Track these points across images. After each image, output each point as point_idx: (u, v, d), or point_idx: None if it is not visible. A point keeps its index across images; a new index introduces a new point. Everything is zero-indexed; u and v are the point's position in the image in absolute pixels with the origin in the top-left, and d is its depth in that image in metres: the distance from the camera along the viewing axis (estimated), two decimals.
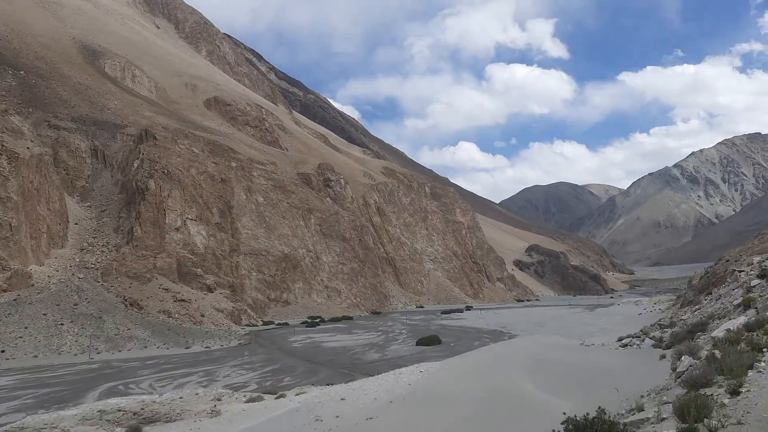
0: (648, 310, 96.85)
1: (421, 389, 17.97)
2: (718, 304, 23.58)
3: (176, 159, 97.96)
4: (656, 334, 23.19)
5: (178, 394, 25.36)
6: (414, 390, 18.07)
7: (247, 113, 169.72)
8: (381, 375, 24.63)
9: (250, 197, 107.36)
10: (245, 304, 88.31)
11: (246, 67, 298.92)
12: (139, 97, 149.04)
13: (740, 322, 11.50)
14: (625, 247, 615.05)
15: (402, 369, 24.68)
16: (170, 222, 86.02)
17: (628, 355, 18.50)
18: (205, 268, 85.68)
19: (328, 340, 63.33)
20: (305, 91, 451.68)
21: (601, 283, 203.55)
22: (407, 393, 17.77)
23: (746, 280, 22.50)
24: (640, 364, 16.13)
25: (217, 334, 66.58)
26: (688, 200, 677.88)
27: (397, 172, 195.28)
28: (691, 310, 29.19)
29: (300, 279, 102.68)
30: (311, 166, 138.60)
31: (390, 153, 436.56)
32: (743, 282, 22.91)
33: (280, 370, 43.26)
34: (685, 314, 27.50)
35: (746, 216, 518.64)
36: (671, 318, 29.51)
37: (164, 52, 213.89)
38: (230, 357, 50.26)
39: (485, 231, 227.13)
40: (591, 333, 65.39)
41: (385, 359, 48.37)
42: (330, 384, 32.40)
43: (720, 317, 18.43)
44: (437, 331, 73.84)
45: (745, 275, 24.06)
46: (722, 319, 17.90)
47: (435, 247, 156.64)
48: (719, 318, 18.39)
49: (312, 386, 29.09)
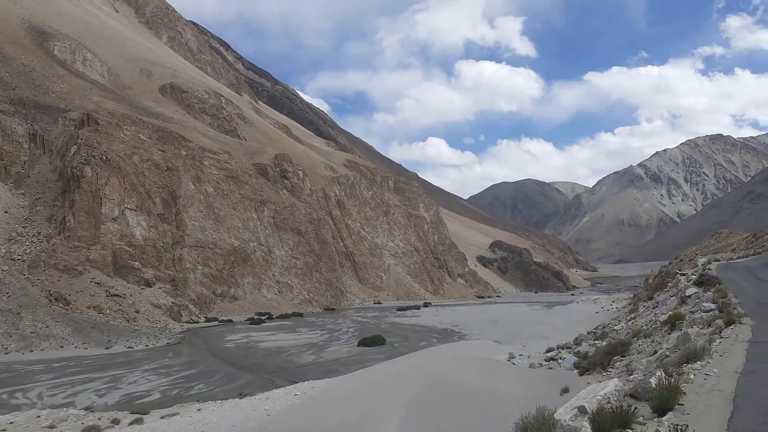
0: (605, 308, 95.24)
1: (278, 424, 14.56)
2: (651, 315, 20.66)
3: (118, 145, 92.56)
4: (583, 348, 20.18)
5: (13, 416, 21.37)
6: (269, 424, 14.66)
7: (204, 101, 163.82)
8: (244, 399, 21.17)
9: (198, 187, 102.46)
10: (187, 300, 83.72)
11: (209, 55, 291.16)
12: (88, 81, 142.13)
13: (610, 390, 8.26)
14: (590, 244, 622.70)
15: (276, 391, 21.35)
16: (107, 212, 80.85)
17: (536, 382, 15.45)
18: (144, 261, 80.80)
19: (267, 339, 59.43)
20: (273, 82, 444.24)
21: (563, 279, 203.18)
22: (258, 429, 14.35)
23: (683, 288, 19.58)
24: (542, 396, 13.05)
25: (148, 332, 62.09)
26: (651, 199, 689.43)
27: (361, 165, 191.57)
28: (626, 319, 26.29)
29: (249, 273, 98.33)
30: (268, 156, 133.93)
31: (359, 147, 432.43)
32: (680, 289, 19.99)
33: (197, 375, 39.35)
34: (619, 324, 24.57)
35: (707, 215, 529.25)
36: (604, 328, 26.52)
37: (121, 36, 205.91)
38: (149, 359, 46.06)
39: (451, 226, 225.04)
40: (543, 334, 62.83)
41: (319, 362, 44.80)
42: (242, 394, 28.77)
43: (646, 335, 15.38)
44: (387, 330, 70.61)
45: (685, 280, 21.21)
46: (647, 338, 14.87)
47: (396, 242, 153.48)
48: (645, 336, 15.34)
49: (194, 404, 25.36)
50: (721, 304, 14.33)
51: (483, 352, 24.43)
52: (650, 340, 14.27)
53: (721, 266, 34.71)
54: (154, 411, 23.68)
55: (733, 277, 25.90)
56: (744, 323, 13.05)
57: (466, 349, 28.86)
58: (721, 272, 28.56)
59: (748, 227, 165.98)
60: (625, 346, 14.83)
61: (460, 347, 32.04)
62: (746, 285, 22.25)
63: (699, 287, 18.43)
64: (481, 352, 24.67)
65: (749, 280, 24.88)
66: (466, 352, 24.92)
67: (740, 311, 14.35)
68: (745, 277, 26.20)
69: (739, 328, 12.57)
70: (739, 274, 28.48)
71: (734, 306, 14.90)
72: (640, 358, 12.65)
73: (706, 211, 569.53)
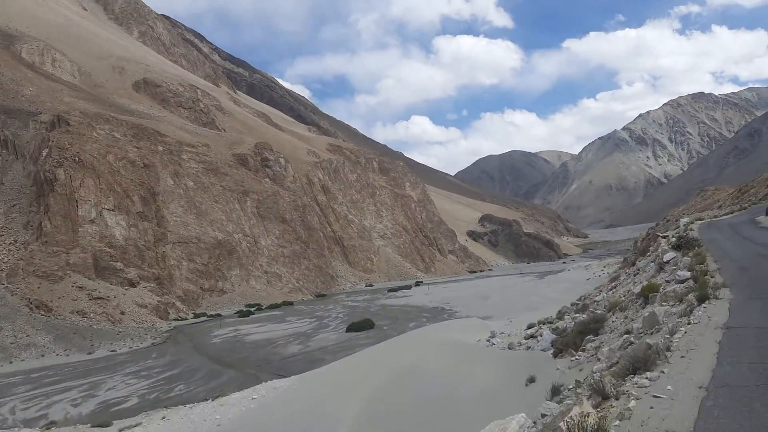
0: (596, 274, 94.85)
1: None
2: (630, 284, 19.51)
3: (91, 145, 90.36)
4: (563, 324, 19.13)
5: None
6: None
7: (179, 94, 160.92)
8: (199, 404, 20.07)
9: (178, 182, 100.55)
10: (174, 297, 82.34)
11: (183, 47, 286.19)
12: (59, 82, 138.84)
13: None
14: (580, 211, 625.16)
15: (234, 395, 20.16)
16: (83, 214, 78.99)
17: (506, 368, 14.37)
18: (126, 261, 79.20)
19: (255, 331, 58.36)
20: (251, 71, 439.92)
21: (554, 248, 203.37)
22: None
23: (660, 253, 18.39)
24: (506, 386, 11.99)
25: (134, 334, 60.79)
26: (637, 162, 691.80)
27: (344, 148, 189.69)
28: (607, 288, 25.23)
29: (236, 265, 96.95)
30: (248, 146, 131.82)
31: (342, 130, 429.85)
32: (657, 255, 18.79)
33: (179, 375, 38.22)
34: (600, 294, 23.49)
35: (693, 174, 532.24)
36: (585, 299, 25.43)
37: (90, 34, 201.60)
38: (132, 361, 44.87)
39: (439, 203, 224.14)
40: (534, 305, 62.19)
41: (306, 352, 43.81)
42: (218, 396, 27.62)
43: (621, 309, 14.13)
44: (377, 312, 69.77)
45: (666, 243, 20.07)
46: (622, 312, 13.65)
47: (384, 223, 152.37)
48: (620, 310, 14.13)
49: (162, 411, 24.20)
50: (697, 273, 12.73)
51: (463, 334, 23.48)
52: (624, 315, 13.05)
53: (705, 225, 33.31)
54: (116, 422, 22.55)
55: (715, 237, 24.56)
56: (721, 297, 11.08)
57: (448, 330, 27.88)
58: (704, 232, 27.23)
59: (734, 183, 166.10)
60: (599, 323, 13.57)
61: (442, 329, 31.10)
62: (729, 245, 20.91)
63: (678, 251, 17.11)
64: (462, 333, 23.71)
65: (733, 239, 23.45)
66: (446, 334, 23.97)
67: (718, 280, 12.62)
68: (729, 236, 24.82)
69: (714, 306, 10.47)
70: (723, 233, 27.21)
71: (711, 274, 13.21)
72: (612, 338, 11.42)
73: (692, 169, 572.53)
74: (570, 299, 48.78)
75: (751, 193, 62.35)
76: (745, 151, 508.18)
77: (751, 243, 21.06)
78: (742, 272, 13.97)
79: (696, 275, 12.75)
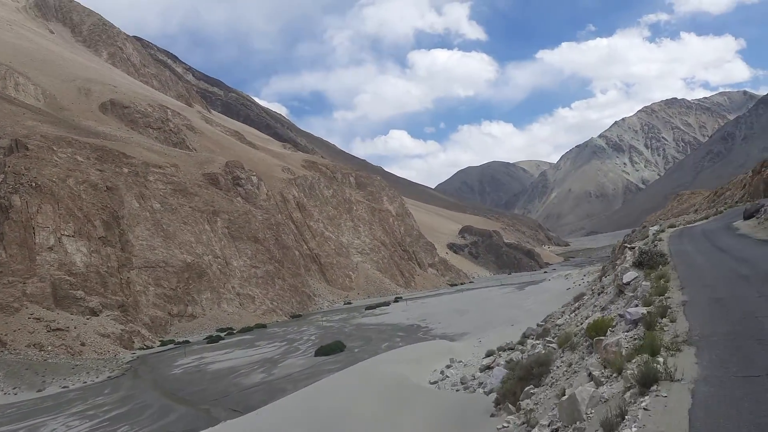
0: (576, 283, 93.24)
1: None
2: (590, 308, 17.10)
3: (51, 169, 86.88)
4: (516, 355, 16.74)
5: None
6: None
7: (148, 115, 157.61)
8: None
9: (144, 204, 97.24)
10: (140, 324, 78.84)
11: (155, 68, 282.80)
12: (21, 107, 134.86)
13: None
14: (560, 219, 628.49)
15: None
16: (41, 241, 75.41)
17: (437, 421, 12.10)
18: (87, 289, 75.62)
19: (220, 359, 55.24)
20: (226, 90, 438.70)
21: (535, 258, 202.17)
22: None
23: (620, 272, 15.98)
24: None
25: (91, 366, 57.33)
26: (615, 168, 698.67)
27: (319, 164, 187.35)
28: (569, 309, 22.83)
29: (207, 288, 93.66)
30: (218, 165, 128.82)
31: (320, 147, 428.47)
32: (616, 275, 16.35)
33: (127, 414, 35.16)
34: (562, 317, 21.16)
35: (670, 179, 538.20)
36: (546, 322, 22.99)
37: (56, 56, 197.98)
38: (81, 399, 41.58)
39: (419, 216, 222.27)
40: (513, 318, 60.05)
41: (268, 381, 40.93)
42: None
43: (572, 347, 11.67)
44: (351, 333, 67.07)
45: (631, 256, 17.64)
46: (573, 352, 11.21)
47: (362, 239, 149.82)
48: (571, 349, 11.71)
49: None
50: (652, 313, 9.33)
51: (418, 366, 21.30)
52: (570, 360, 10.52)
53: (676, 235, 30.79)
54: None
55: (686, 249, 21.60)
56: (679, 378, 6.87)
57: (404, 360, 25.60)
58: (674, 243, 24.46)
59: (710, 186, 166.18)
60: (544, 367, 11.01)
61: (400, 356, 28.73)
62: (701, 260, 17.81)
63: (639, 269, 14.63)
64: (416, 366, 21.49)
65: (707, 252, 20.20)
66: (399, 367, 21.71)
67: (680, 329, 9.00)
68: (702, 248, 21.60)
69: (665, 397, 6.45)
70: (695, 243, 24.05)
71: (672, 315, 9.73)
72: (549, 397, 8.90)
73: (669, 174, 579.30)
74: (548, 312, 46.70)
75: (727, 195, 61.08)
76: (719, 154, 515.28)
77: (728, 257, 17.97)
78: (717, 310, 10.30)
79: (650, 318, 9.33)
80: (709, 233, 28.08)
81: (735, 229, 27.37)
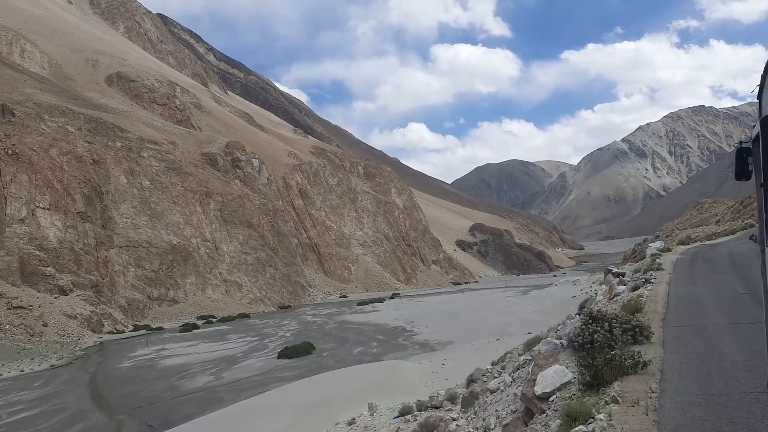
0: (584, 291, 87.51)
1: None
2: (501, 405, 11.64)
3: (34, 138, 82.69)
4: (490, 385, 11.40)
5: None
6: None
7: (154, 90, 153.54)
8: None
9: (132, 180, 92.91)
10: (114, 307, 74.54)
11: (172, 45, 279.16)
12: (24, 73, 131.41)
13: None
14: (577, 222, 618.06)
15: None
16: (12, 212, 71.23)
17: None
18: (59, 266, 71.39)
19: (179, 353, 50.50)
20: (246, 73, 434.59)
21: (545, 260, 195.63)
22: None
23: (540, 355, 9.29)
24: None
25: (43, 351, 52.96)
26: (636, 173, 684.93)
27: (328, 151, 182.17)
28: (511, 366, 17.42)
29: (192, 273, 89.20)
30: (218, 145, 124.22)
31: (337, 135, 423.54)
32: (535, 361, 9.80)
33: (32, 419, 30.05)
34: (498, 377, 15.92)
35: (692, 187, 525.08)
36: (475, 381, 17.27)
37: (70, 26, 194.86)
38: (4, 392, 37.04)
39: (431, 211, 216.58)
40: (505, 329, 54.84)
41: (210, 387, 36.01)
42: None
43: None
44: (329, 332, 62.08)
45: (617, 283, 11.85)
46: None
47: (365, 230, 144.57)
48: None
49: None
50: None
51: (322, 412, 16.53)
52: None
53: (687, 258, 21.33)
54: None
55: (698, 295, 12.75)
56: None
57: (319, 396, 20.65)
58: (681, 275, 15.71)
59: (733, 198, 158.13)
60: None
61: (323, 386, 23.76)
62: (728, 339, 9.16)
63: (576, 358, 7.53)
64: (319, 412, 16.71)
65: (742, 312, 10.72)
66: (287, 416, 16.89)
67: None
68: (728, 295, 12.50)
69: None
70: (717, 279, 15.11)
71: None
72: None
73: (691, 183, 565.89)
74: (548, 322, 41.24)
75: (754, 206, 54.76)
76: None
77: None
78: None
79: None
80: (741, 259, 18.81)
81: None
